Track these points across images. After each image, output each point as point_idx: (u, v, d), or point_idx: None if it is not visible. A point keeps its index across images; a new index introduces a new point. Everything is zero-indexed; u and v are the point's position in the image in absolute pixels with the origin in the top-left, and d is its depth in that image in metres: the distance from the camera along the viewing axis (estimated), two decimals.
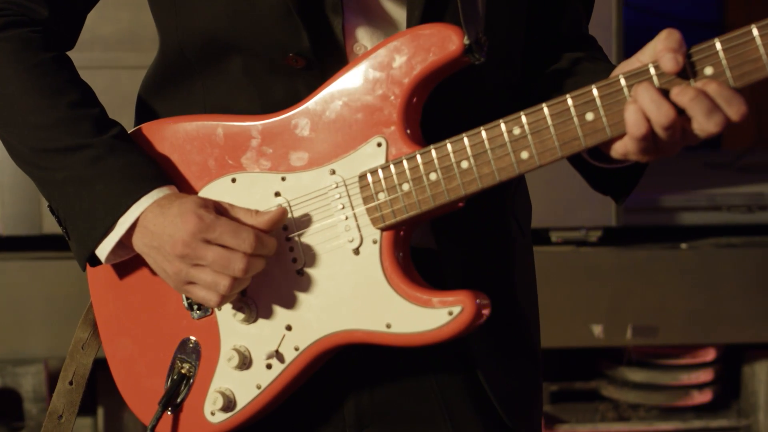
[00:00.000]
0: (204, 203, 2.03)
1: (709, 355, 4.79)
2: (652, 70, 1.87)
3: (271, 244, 2.02)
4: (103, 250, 2.10)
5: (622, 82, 1.89)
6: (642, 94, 1.85)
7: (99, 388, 4.63)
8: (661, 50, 1.84)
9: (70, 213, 2.12)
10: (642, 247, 4.57)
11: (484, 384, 2.18)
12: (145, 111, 2.27)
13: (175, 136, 2.16)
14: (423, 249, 2.11)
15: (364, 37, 2.11)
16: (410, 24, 2.07)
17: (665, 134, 1.85)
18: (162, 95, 2.25)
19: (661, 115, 1.83)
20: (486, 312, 2.01)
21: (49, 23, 2.18)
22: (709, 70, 1.85)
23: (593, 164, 2.05)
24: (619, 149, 1.92)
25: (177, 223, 2.01)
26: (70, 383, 2.29)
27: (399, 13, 2.11)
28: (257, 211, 2.03)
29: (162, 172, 2.12)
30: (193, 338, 2.15)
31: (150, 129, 2.18)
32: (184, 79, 2.21)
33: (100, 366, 2.32)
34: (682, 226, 4.67)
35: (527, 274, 2.35)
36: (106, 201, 2.07)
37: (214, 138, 2.13)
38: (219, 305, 2.05)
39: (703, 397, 4.81)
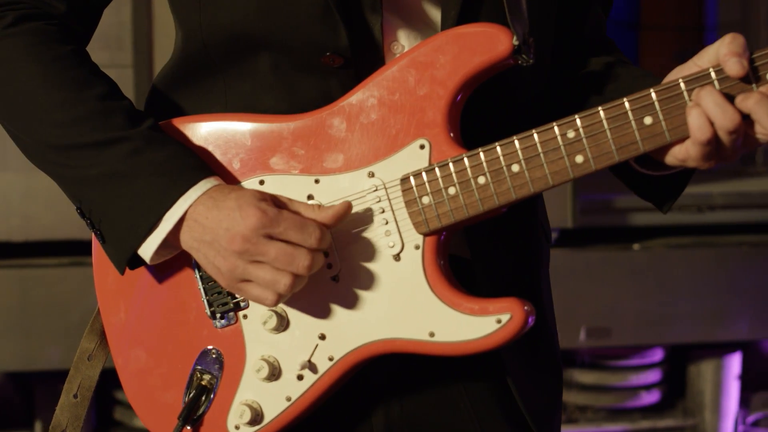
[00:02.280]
0: (263, 196, 1.92)
1: (657, 355, 4.80)
2: (713, 75, 1.83)
3: (329, 239, 1.92)
4: (148, 249, 1.96)
5: (682, 86, 1.84)
6: (706, 98, 1.80)
7: (37, 400, 4.44)
8: (725, 54, 1.80)
9: (107, 212, 1.98)
10: (595, 248, 4.56)
11: (516, 395, 2.12)
12: (158, 106, 2.14)
13: (197, 135, 2.05)
14: (454, 256, 2.03)
15: (402, 36, 2.03)
16: (445, 24, 1.99)
17: (729, 139, 1.81)
18: (179, 91, 2.13)
19: (726, 120, 1.79)
20: (532, 319, 1.94)
21: (65, 18, 2.05)
22: None
23: (640, 172, 2.00)
24: (678, 155, 1.87)
25: (236, 216, 1.89)
26: (75, 396, 2.16)
27: (435, 13, 2.03)
28: (320, 205, 1.93)
29: (206, 164, 2.00)
30: (214, 348, 2.04)
31: (168, 127, 2.06)
32: (205, 76, 2.10)
33: (39, 377, 2.19)
34: (634, 226, 4.67)
35: (549, 282, 2.30)
36: (150, 195, 1.94)
37: (240, 138, 2.02)
38: (275, 304, 1.93)
39: (651, 397, 4.83)
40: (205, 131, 2.04)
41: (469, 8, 1.99)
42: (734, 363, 4.82)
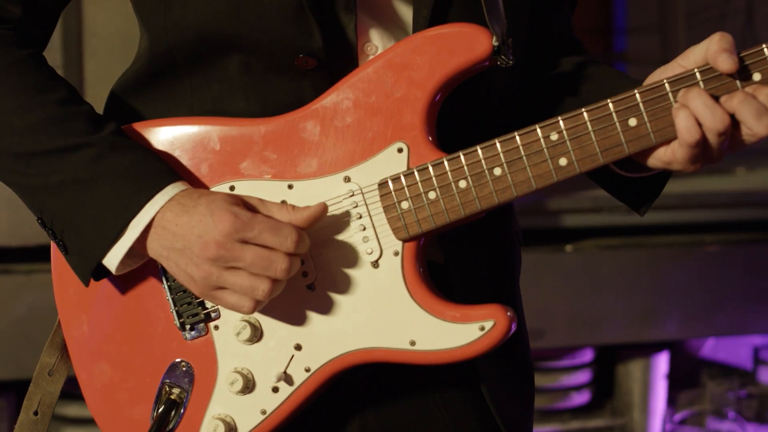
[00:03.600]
0: (234, 199, 1.84)
1: (587, 355, 4.81)
2: (698, 75, 1.80)
3: (307, 242, 1.85)
4: (114, 259, 1.88)
5: (667, 87, 1.81)
6: (695, 99, 1.77)
7: None
8: (716, 51, 1.77)
9: (70, 222, 1.89)
10: (527, 250, 4.53)
11: (489, 402, 2.08)
12: (118, 113, 2.06)
13: (161, 139, 1.97)
14: (428, 261, 1.98)
15: (375, 37, 1.97)
16: (417, 24, 1.93)
17: (717, 141, 1.79)
18: (141, 96, 2.05)
19: (716, 121, 1.77)
20: (515, 326, 1.90)
21: (21, 23, 1.96)
22: (757, 76, 1.80)
23: (619, 174, 1.97)
24: (663, 157, 1.85)
25: (208, 222, 1.81)
26: (35, 413, 2.07)
27: (407, 13, 1.97)
28: (293, 207, 1.86)
29: (172, 168, 1.92)
30: (184, 361, 1.96)
31: (131, 132, 1.98)
32: (169, 80, 2.01)
33: None
34: (566, 228, 4.67)
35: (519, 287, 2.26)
36: (114, 202, 1.86)
37: (208, 142, 1.95)
38: (252, 312, 1.85)
39: (581, 397, 4.83)
40: (171, 135, 1.96)
41: (441, 9, 1.94)
42: (662, 362, 4.85)
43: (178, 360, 1.96)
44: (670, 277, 4.60)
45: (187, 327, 1.95)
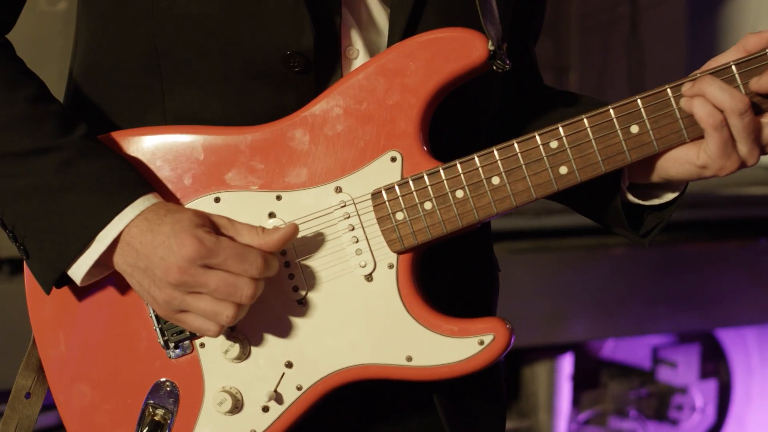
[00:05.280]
0: (201, 220, 1.75)
1: None
2: (734, 68, 1.77)
3: (276, 264, 1.78)
4: (79, 271, 1.78)
5: (669, 92, 1.80)
6: (710, 85, 1.75)
7: None
8: (758, 39, 1.77)
9: (34, 228, 1.78)
10: None
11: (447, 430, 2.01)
12: (81, 104, 1.94)
13: (141, 149, 1.87)
14: None
15: (357, 40, 1.90)
16: (393, 31, 1.87)
17: (741, 123, 1.75)
18: (107, 87, 1.93)
19: (735, 101, 1.74)
20: (513, 339, 1.87)
21: None
22: None
23: (629, 202, 1.93)
24: (697, 160, 1.79)
25: (171, 245, 1.72)
26: None
27: (383, 19, 1.91)
28: (263, 229, 1.78)
29: (144, 178, 1.82)
30: (168, 380, 1.88)
31: (109, 141, 1.88)
32: (140, 77, 1.90)
33: None
34: None
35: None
36: (82, 213, 1.76)
37: (191, 152, 1.86)
38: (218, 335, 1.78)
39: None
40: (151, 145, 1.87)
41: (418, 17, 1.88)
42: (566, 364, 4.89)
43: (162, 380, 1.88)
44: (576, 280, 4.63)
45: (171, 345, 1.87)
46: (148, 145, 1.87)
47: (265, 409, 1.85)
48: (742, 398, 5.38)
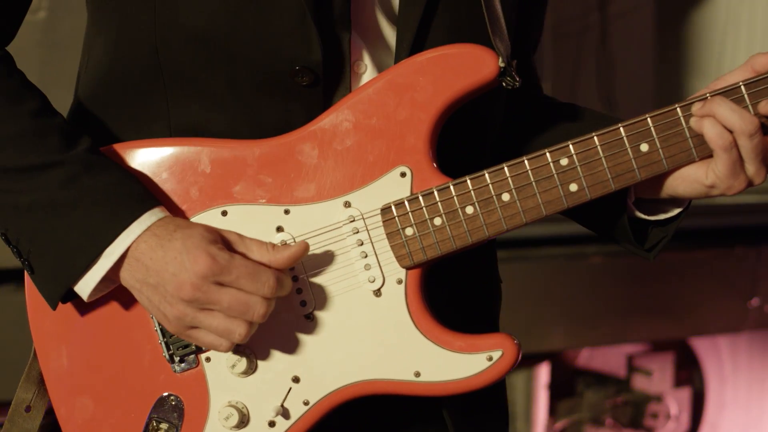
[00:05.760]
0: (213, 237, 1.74)
1: None
2: (743, 89, 1.78)
3: (288, 284, 1.77)
4: (86, 286, 1.77)
5: (679, 112, 1.80)
6: (720, 106, 1.76)
7: None
8: (765, 59, 1.77)
9: (39, 244, 1.76)
10: None
11: None
12: (86, 119, 1.93)
13: (146, 161, 1.86)
14: None
15: (365, 55, 1.89)
16: (400, 47, 1.86)
17: (751, 144, 1.76)
18: (112, 103, 1.91)
19: (745, 122, 1.75)
20: (520, 355, 1.87)
21: None
22: None
23: (635, 217, 1.94)
24: (706, 180, 1.80)
25: (183, 261, 1.71)
26: None
27: (390, 35, 1.90)
28: (274, 246, 1.77)
29: (150, 192, 1.80)
30: (173, 395, 1.86)
31: (111, 153, 1.87)
32: (145, 90, 1.88)
33: None
34: None
35: None
36: (88, 229, 1.74)
37: (198, 164, 1.85)
38: (228, 351, 1.77)
39: None
40: (157, 157, 1.86)
41: (425, 34, 1.88)
42: (543, 373, 4.90)
43: (166, 394, 1.86)
44: (555, 289, 4.64)
45: (177, 359, 1.85)
46: (153, 157, 1.85)
47: (272, 424, 1.84)
48: (715, 406, 5.42)
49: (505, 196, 1.82)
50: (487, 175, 1.82)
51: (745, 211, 5.06)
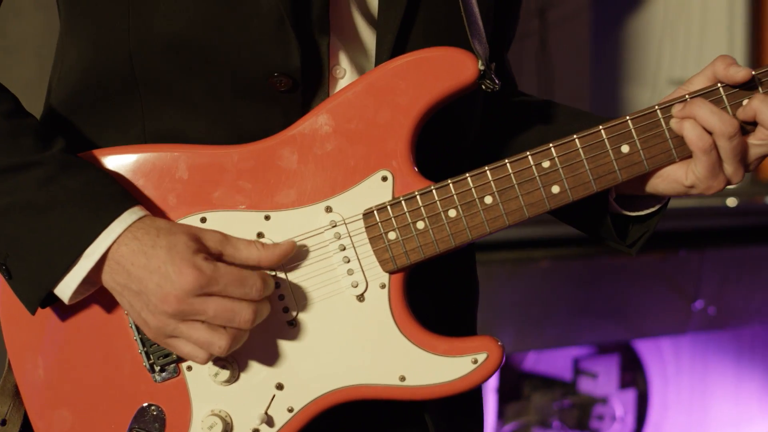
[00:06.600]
0: (197, 246, 1.71)
1: None
2: (722, 90, 1.80)
3: (272, 283, 1.75)
4: (67, 288, 1.73)
5: (659, 113, 1.82)
6: (700, 108, 1.77)
7: None
8: (726, 66, 1.78)
9: (16, 247, 1.73)
10: None
11: None
12: (57, 127, 1.89)
13: (122, 167, 1.83)
14: None
15: (343, 59, 1.88)
16: (380, 50, 1.86)
17: (730, 146, 1.77)
18: (82, 112, 1.88)
19: (725, 124, 1.76)
20: (505, 357, 1.87)
21: None
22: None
23: (617, 213, 1.95)
24: (685, 180, 1.81)
25: (168, 273, 1.68)
26: None
27: (370, 38, 1.89)
28: (262, 244, 1.75)
29: (128, 191, 1.77)
30: (154, 405, 1.83)
31: (87, 159, 1.83)
32: (120, 97, 1.85)
33: None
34: None
35: None
36: (67, 229, 1.71)
37: (176, 171, 1.82)
38: (206, 363, 1.75)
39: None
40: (134, 163, 1.83)
41: (406, 36, 1.88)
42: (491, 376, 4.90)
43: (146, 404, 1.83)
44: (503, 293, 4.65)
45: (157, 368, 1.83)
46: (130, 164, 1.83)
47: None
48: (659, 407, 5.47)
49: (488, 199, 1.82)
50: (469, 178, 1.82)
51: (689, 215, 5.11)
